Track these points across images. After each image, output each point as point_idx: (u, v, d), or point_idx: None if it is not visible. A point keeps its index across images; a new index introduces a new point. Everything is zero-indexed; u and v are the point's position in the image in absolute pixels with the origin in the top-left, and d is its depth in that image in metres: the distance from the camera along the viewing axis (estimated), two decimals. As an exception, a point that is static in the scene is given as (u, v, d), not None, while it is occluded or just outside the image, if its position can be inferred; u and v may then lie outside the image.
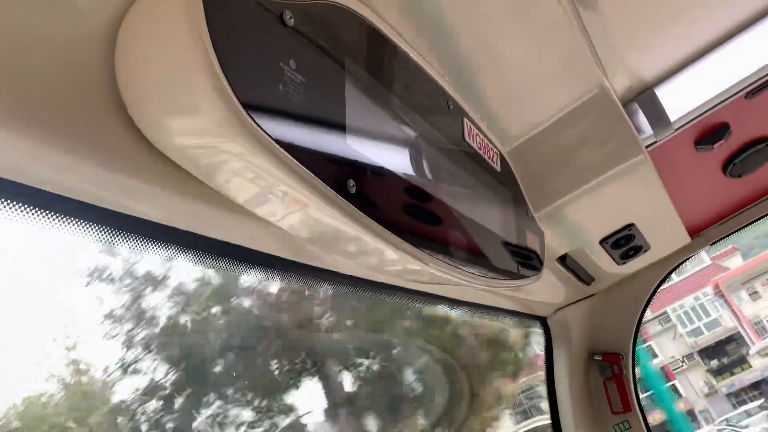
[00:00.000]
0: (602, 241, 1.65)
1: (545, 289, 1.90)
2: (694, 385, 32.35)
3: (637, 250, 1.78)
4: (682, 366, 32.61)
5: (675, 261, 2.12)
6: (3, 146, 0.52)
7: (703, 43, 1.22)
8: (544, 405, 2.30)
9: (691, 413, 31.57)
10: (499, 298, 1.74)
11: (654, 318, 33.08)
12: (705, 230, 2.05)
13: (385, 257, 0.76)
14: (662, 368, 32.64)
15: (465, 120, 1.03)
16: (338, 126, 0.65)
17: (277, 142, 0.54)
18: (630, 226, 1.61)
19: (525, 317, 2.16)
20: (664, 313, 32.91)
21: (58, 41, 0.52)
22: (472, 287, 1.13)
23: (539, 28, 0.99)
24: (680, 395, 32.09)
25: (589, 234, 1.61)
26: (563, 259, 1.70)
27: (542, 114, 1.18)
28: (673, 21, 1.15)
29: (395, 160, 0.78)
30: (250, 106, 0.51)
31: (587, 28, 1.05)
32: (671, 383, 32.35)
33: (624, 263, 1.85)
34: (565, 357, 2.21)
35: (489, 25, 0.94)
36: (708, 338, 32.15)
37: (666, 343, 33.15)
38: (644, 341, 33.16)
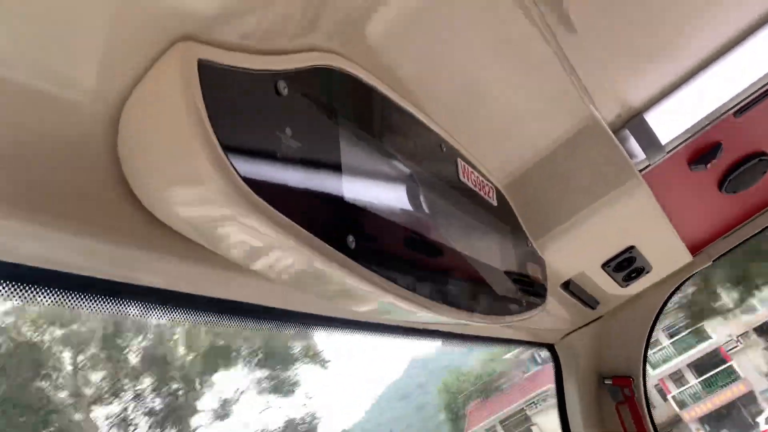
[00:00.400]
0: (604, 265, 1.65)
1: (551, 316, 1.89)
2: (752, 363, 30.44)
3: (640, 272, 1.78)
4: (738, 346, 30.79)
5: (679, 279, 2.11)
6: (15, 234, 0.54)
7: (688, 67, 1.24)
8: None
9: (751, 395, 29.84)
10: (506, 328, 1.73)
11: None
12: (706, 247, 2.05)
13: (394, 307, 0.76)
14: (717, 350, 31.13)
15: (459, 160, 1.04)
16: (335, 186, 0.67)
17: (278, 209, 0.55)
18: (630, 248, 1.61)
19: (533, 345, 2.14)
20: (714, 292, 30.60)
21: (61, 133, 0.54)
22: (480, 326, 1.12)
23: (525, 66, 1.00)
24: (739, 377, 30.31)
25: (590, 259, 1.61)
26: (567, 285, 1.69)
27: (535, 148, 1.19)
28: (657, 47, 1.17)
29: (393, 210, 0.79)
30: (250, 178, 0.53)
31: (572, 61, 1.07)
32: (728, 365, 30.58)
33: (627, 285, 1.84)
34: (576, 382, 2.19)
35: (476, 67, 0.96)
36: (763, 315, 29.99)
37: (718, 324, 30.87)
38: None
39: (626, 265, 1.69)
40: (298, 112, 0.63)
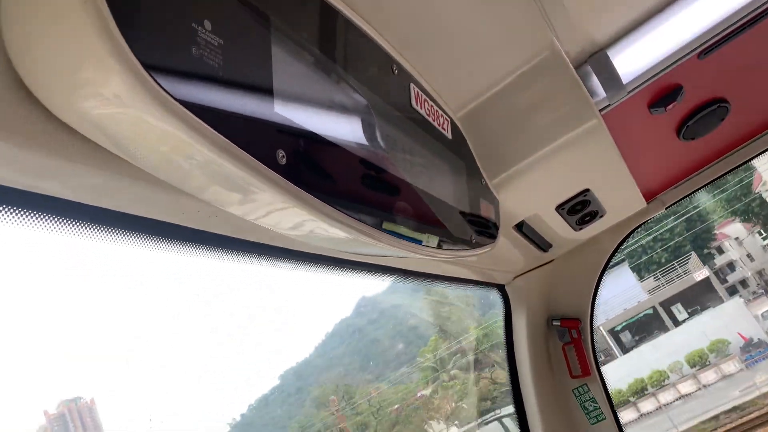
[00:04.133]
0: (558, 207, 1.64)
1: (503, 257, 1.89)
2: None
3: (594, 216, 1.78)
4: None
5: (631, 225, 2.13)
6: None
7: (655, 2, 1.19)
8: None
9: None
10: (457, 267, 1.72)
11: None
12: (660, 194, 2.07)
13: (324, 231, 0.71)
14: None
15: (411, 85, 0.98)
16: (264, 92, 0.60)
17: (191, 109, 0.48)
18: (585, 191, 1.60)
19: (484, 286, 2.15)
20: None
21: None
22: (425, 259, 1.09)
23: None
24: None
25: (544, 200, 1.59)
26: (520, 227, 1.68)
27: (493, 77, 1.14)
28: None
29: (333, 127, 0.73)
30: (155, 71, 0.46)
31: None
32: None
33: (581, 229, 1.84)
34: (525, 323, 2.22)
35: None
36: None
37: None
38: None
39: (580, 208, 1.68)
40: (220, 5, 0.55)
